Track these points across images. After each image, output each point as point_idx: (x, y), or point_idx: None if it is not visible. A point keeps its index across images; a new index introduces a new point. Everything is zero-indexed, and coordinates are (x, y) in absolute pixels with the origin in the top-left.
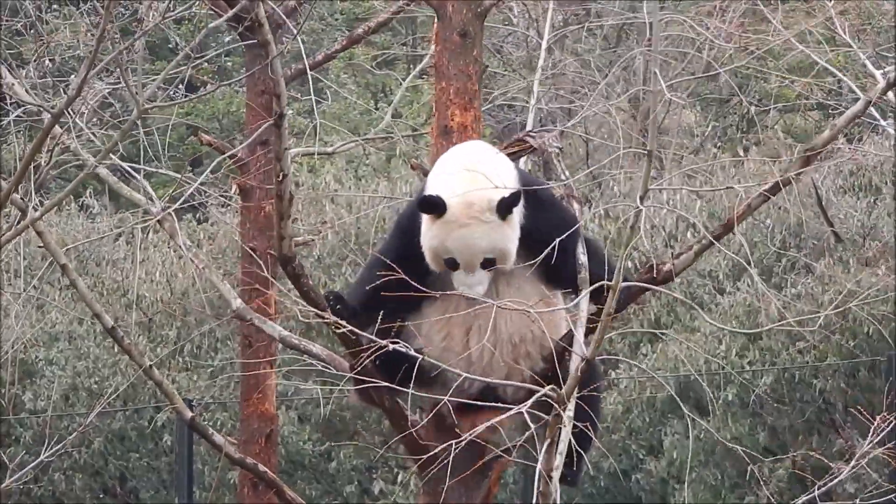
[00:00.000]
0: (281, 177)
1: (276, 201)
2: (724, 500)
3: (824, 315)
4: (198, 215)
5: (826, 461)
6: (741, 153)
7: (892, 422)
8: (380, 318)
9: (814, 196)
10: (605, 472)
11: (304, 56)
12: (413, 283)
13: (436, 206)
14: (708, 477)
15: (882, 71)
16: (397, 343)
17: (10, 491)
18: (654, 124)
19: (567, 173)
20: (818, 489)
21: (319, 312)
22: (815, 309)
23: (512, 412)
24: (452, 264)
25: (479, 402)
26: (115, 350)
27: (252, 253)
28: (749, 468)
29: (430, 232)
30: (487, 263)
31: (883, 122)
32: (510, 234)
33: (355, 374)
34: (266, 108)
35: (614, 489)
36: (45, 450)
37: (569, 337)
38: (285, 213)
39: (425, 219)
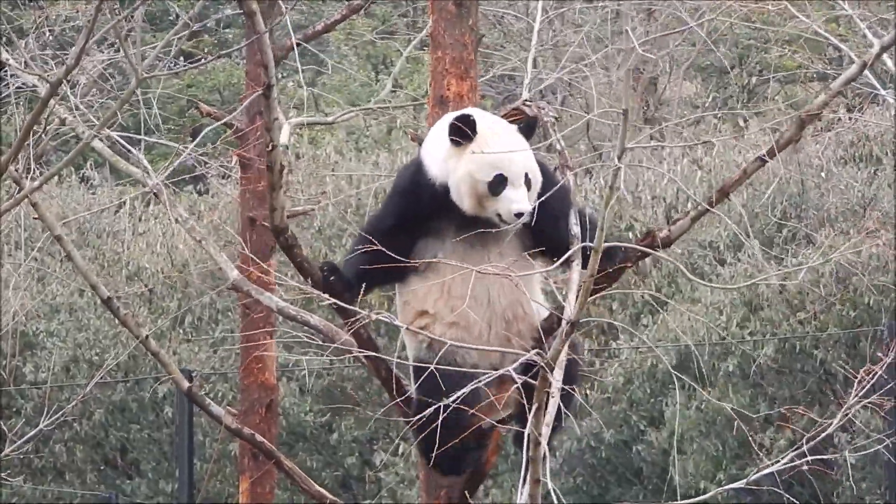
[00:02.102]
0: (271, 147)
1: (268, 172)
2: (725, 470)
3: (823, 284)
4: (199, 187)
5: (823, 420)
6: (742, 124)
7: (876, 373)
8: (373, 287)
9: (814, 167)
10: (606, 443)
11: (313, 23)
12: (409, 250)
13: (467, 128)
14: (709, 447)
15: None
16: (386, 315)
17: (11, 462)
18: (628, 82)
19: (563, 143)
20: (808, 444)
21: (304, 286)
22: (816, 280)
23: (496, 374)
24: (498, 184)
25: (472, 370)
26: (116, 322)
27: (252, 223)
28: (750, 438)
29: (463, 160)
30: (525, 182)
31: (882, 92)
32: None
33: (351, 344)
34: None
35: (615, 460)
36: (44, 418)
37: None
38: (276, 183)
39: (452, 152)
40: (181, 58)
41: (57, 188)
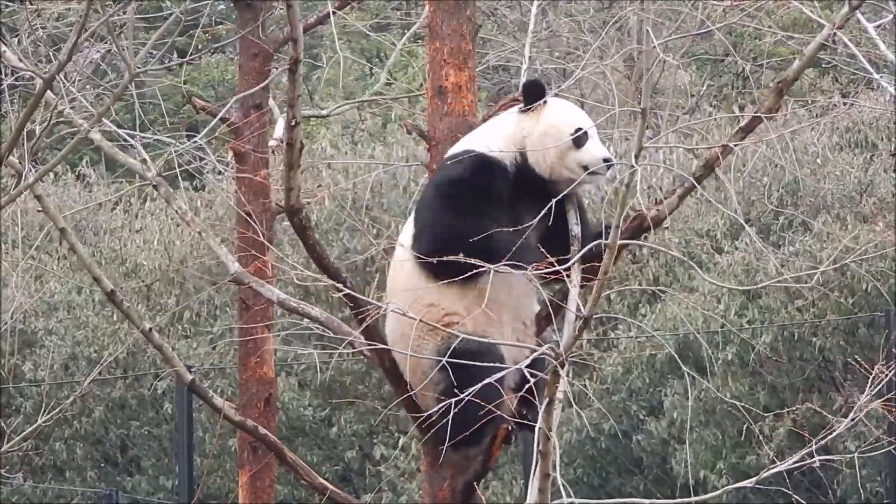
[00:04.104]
0: (294, 123)
1: (286, 150)
2: (724, 459)
3: (822, 272)
4: (195, 183)
5: (826, 414)
6: (736, 111)
7: (889, 373)
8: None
9: (810, 153)
10: (606, 433)
11: (306, 17)
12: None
13: (542, 90)
14: (708, 437)
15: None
16: (397, 309)
17: (11, 460)
18: (649, 83)
19: None
20: (816, 444)
21: (319, 277)
22: (814, 267)
23: (511, 369)
24: (581, 136)
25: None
26: (115, 318)
27: (248, 217)
28: (749, 427)
29: (543, 118)
30: None
31: (877, 76)
32: None
33: (359, 334)
34: (258, 71)
35: (615, 450)
36: (42, 414)
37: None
38: (295, 162)
39: (524, 119)
40: (174, 53)
41: (53, 186)
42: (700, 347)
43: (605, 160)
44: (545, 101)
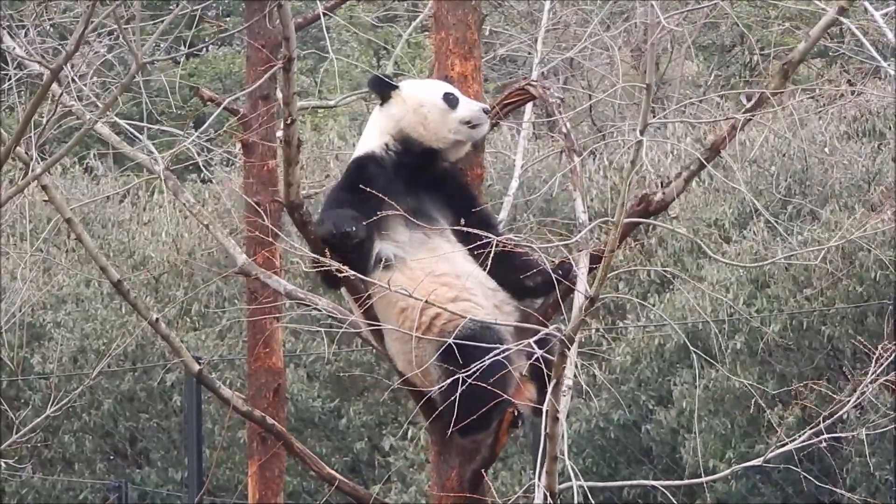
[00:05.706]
0: (289, 121)
1: (284, 147)
2: (734, 448)
3: (829, 250)
4: (202, 175)
5: (835, 396)
6: (744, 101)
7: (893, 350)
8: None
9: (818, 142)
10: (616, 423)
11: (312, 9)
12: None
13: (388, 80)
14: (718, 426)
15: None
16: (402, 290)
17: (20, 452)
18: (652, 57)
19: (568, 125)
20: (823, 423)
21: (323, 260)
22: (822, 255)
23: (515, 347)
24: (451, 98)
25: (480, 344)
26: (123, 311)
27: (256, 207)
28: (758, 415)
29: (409, 96)
30: None
31: (884, 64)
32: None
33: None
34: (266, 62)
35: (625, 440)
36: (50, 406)
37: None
38: (293, 159)
39: (388, 109)
40: (182, 45)
41: (61, 178)
42: (709, 336)
43: (484, 110)
44: (398, 87)
